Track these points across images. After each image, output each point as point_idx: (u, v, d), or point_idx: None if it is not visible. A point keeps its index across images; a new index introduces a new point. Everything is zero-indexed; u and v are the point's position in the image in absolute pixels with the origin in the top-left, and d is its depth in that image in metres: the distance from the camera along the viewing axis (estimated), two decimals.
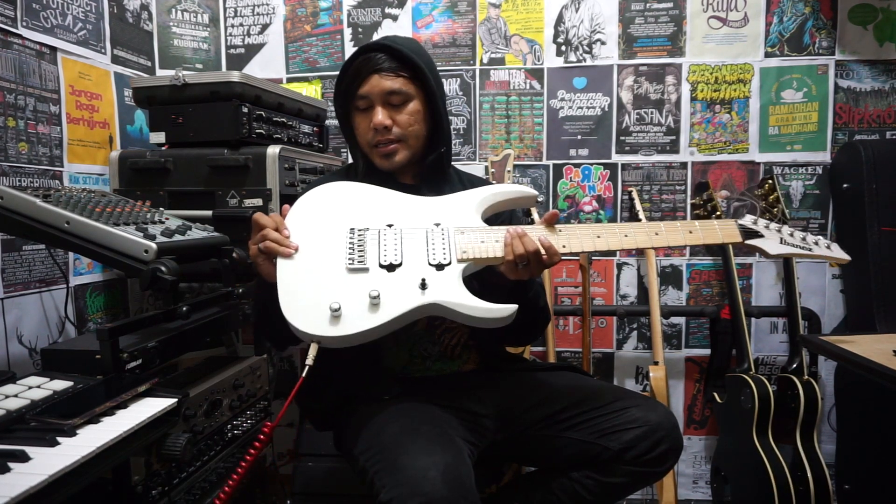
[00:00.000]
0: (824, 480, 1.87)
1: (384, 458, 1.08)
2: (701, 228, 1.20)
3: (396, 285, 1.12)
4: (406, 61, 1.29)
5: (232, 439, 1.39)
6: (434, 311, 1.12)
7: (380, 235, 1.18)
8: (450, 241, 1.17)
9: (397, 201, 1.25)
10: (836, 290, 2.17)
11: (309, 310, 1.09)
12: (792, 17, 2.12)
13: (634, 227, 1.20)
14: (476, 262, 1.15)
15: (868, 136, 2.12)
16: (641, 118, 2.20)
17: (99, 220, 1.20)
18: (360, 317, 1.08)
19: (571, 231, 1.19)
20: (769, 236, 1.23)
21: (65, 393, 1.02)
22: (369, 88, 1.29)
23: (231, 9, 2.31)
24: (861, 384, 1.99)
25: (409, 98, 1.31)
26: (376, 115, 1.29)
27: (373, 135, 1.31)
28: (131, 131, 2.01)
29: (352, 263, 1.13)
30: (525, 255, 1.11)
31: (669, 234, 1.20)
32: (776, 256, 1.23)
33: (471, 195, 1.25)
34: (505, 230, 1.15)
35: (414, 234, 1.18)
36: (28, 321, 1.57)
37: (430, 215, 1.22)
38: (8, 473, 0.76)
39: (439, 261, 1.14)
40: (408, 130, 1.31)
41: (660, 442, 1.19)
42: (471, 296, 1.11)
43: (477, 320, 1.11)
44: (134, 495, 1.07)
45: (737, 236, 1.22)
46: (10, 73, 1.54)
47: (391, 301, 1.09)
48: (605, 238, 1.18)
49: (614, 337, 2.28)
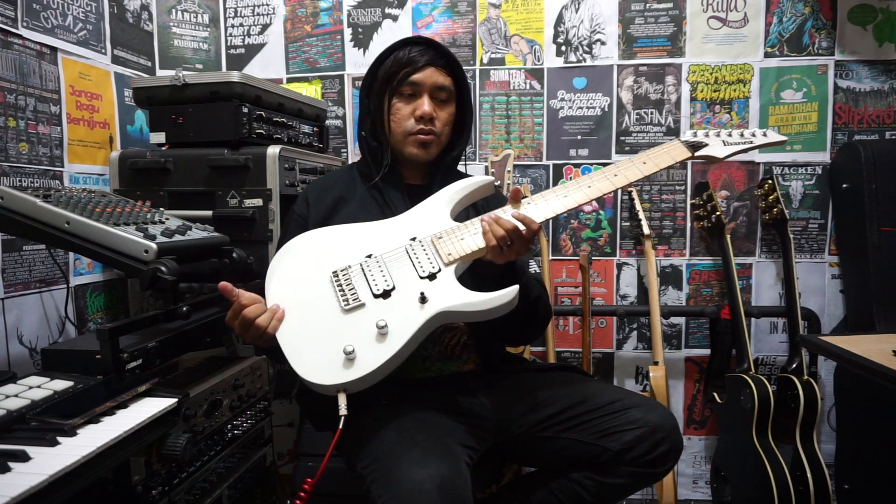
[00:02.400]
0: (824, 480, 1.87)
1: (381, 468, 1.07)
2: (653, 156, 1.27)
3: (398, 309, 1.12)
4: (456, 66, 1.37)
5: (232, 439, 1.40)
6: (444, 320, 1.13)
7: (363, 268, 1.18)
8: (431, 249, 1.18)
9: (366, 231, 1.26)
10: (835, 289, 2.17)
11: (323, 362, 1.08)
12: (792, 17, 2.12)
13: (594, 177, 1.24)
14: (463, 259, 1.16)
15: (868, 136, 2.12)
16: (641, 118, 2.20)
17: (99, 220, 1.20)
18: (373, 351, 1.08)
19: (539, 198, 1.22)
20: (713, 142, 1.30)
21: (65, 393, 1.02)
22: (423, 77, 1.32)
23: (231, 9, 2.31)
24: (861, 384, 1.99)
25: (451, 99, 1.37)
26: (424, 104, 1.32)
27: (413, 122, 1.33)
28: (131, 131, 2.01)
29: (347, 304, 1.13)
30: (505, 236, 1.12)
31: (626, 171, 1.25)
32: (725, 158, 1.29)
33: (434, 201, 1.27)
34: (479, 220, 1.17)
35: (395, 255, 1.19)
36: (28, 321, 1.57)
37: (404, 232, 1.23)
38: (8, 473, 0.76)
39: (429, 271, 1.15)
40: (443, 129, 1.36)
41: (660, 443, 1.19)
42: (471, 292, 1.12)
43: (486, 313, 1.11)
44: (134, 495, 1.07)
45: (685, 152, 1.27)
46: (11, 73, 1.54)
47: (399, 326, 1.10)
48: (571, 196, 1.22)
49: (614, 337, 2.28)
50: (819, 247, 2.18)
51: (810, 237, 2.18)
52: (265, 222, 1.68)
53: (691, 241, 2.22)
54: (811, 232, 2.17)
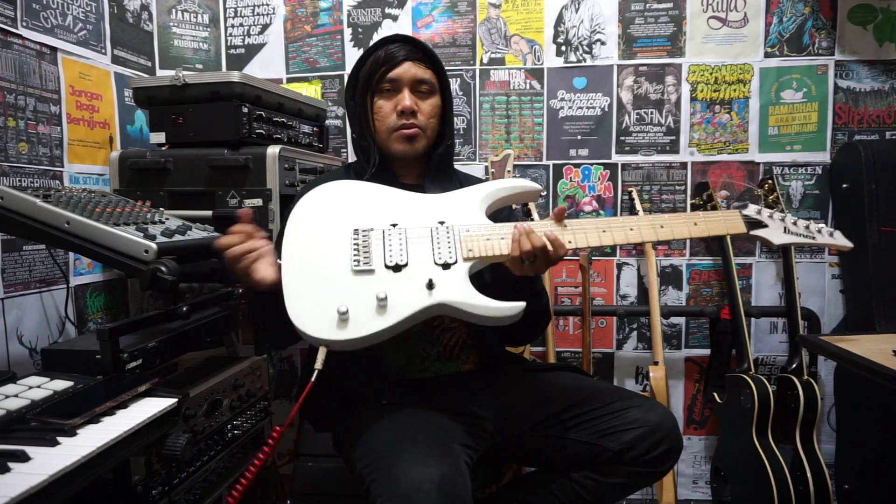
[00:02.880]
0: (824, 480, 1.87)
1: (380, 468, 1.07)
2: (706, 220, 1.20)
3: (403, 286, 1.11)
4: (433, 59, 1.36)
5: (232, 439, 1.40)
6: (442, 311, 1.12)
7: (384, 236, 1.17)
8: (455, 239, 1.16)
9: (400, 199, 1.24)
10: (835, 290, 2.17)
11: (316, 314, 1.08)
12: (792, 17, 2.12)
13: (639, 221, 1.20)
14: (482, 260, 1.15)
15: (868, 136, 2.12)
16: (641, 118, 2.20)
17: (99, 220, 1.20)
18: (367, 320, 1.07)
19: (577, 225, 1.18)
20: (773, 226, 1.23)
21: (65, 393, 1.02)
22: (401, 73, 1.32)
23: (231, 9, 2.31)
24: (861, 384, 1.99)
25: (434, 91, 1.36)
26: (404, 98, 1.31)
27: (396, 118, 1.32)
28: (131, 131, 2.01)
29: (357, 265, 1.13)
30: (532, 252, 1.11)
31: (675, 226, 1.19)
32: (781, 246, 1.22)
33: (474, 191, 1.25)
34: (512, 226, 1.14)
35: (419, 233, 1.18)
36: (28, 321, 1.57)
37: (435, 213, 1.21)
38: (8, 473, 0.76)
39: (445, 260, 1.14)
40: (428, 122, 1.35)
41: (660, 442, 1.19)
42: (479, 295, 1.11)
43: (485, 319, 1.10)
44: (134, 495, 1.07)
45: (741, 227, 1.22)
46: (11, 73, 1.54)
47: (399, 303, 1.09)
48: (610, 232, 1.18)
49: (614, 337, 2.28)
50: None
51: None
52: (265, 222, 1.68)
53: (691, 240, 2.22)
54: None
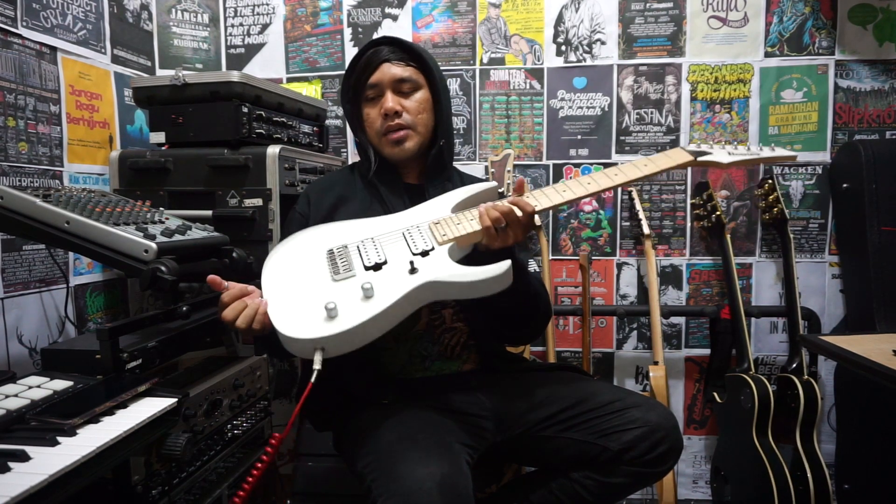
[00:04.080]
0: (824, 480, 1.87)
1: (381, 467, 1.08)
2: (653, 160, 1.29)
3: (387, 277, 1.12)
4: (413, 53, 1.36)
5: (232, 439, 1.40)
6: (433, 293, 1.12)
7: (359, 248, 1.20)
8: (427, 233, 1.19)
9: (370, 223, 1.27)
10: (835, 289, 2.17)
11: (303, 317, 1.08)
12: (792, 16, 2.12)
13: (594, 175, 1.26)
14: (457, 241, 1.17)
15: (868, 135, 2.12)
16: (641, 118, 2.20)
17: (99, 220, 1.20)
18: (356, 309, 1.07)
19: (538, 192, 1.23)
20: (717, 152, 1.31)
21: (65, 393, 1.02)
22: (380, 76, 1.33)
23: (231, 9, 2.31)
24: (861, 384, 1.99)
25: (419, 86, 1.36)
26: (386, 101, 1.32)
27: (382, 122, 1.33)
28: (131, 131, 2.01)
29: (337, 274, 1.14)
30: (500, 217, 1.12)
31: (627, 170, 1.26)
32: (729, 165, 1.29)
33: (439, 202, 1.28)
34: (476, 208, 1.17)
35: (392, 237, 1.21)
36: (28, 321, 1.57)
37: (405, 223, 1.24)
38: (8, 473, 0.76)
39: (422, 248, 1.16)
40: (417, 118, 1.35)
41: (660, 442, 1.19)
42: (462, 266, 1.12)
43: (476, 286, 1.10)
44: (134, 495, 1.07)
45: (685, 156, 1.28)
46: (10, 73, 1.54)
47: (385, 289, 1.09)
48: (569, 190, 1.23)
49: (614, 337, 2.28)
50: (819, 247, 2.18)
51: (810, 237, 2.18)
52: (265, 222, 1.68)
53: (691, 240, 2.22)
54: (811, 232, 2.17)
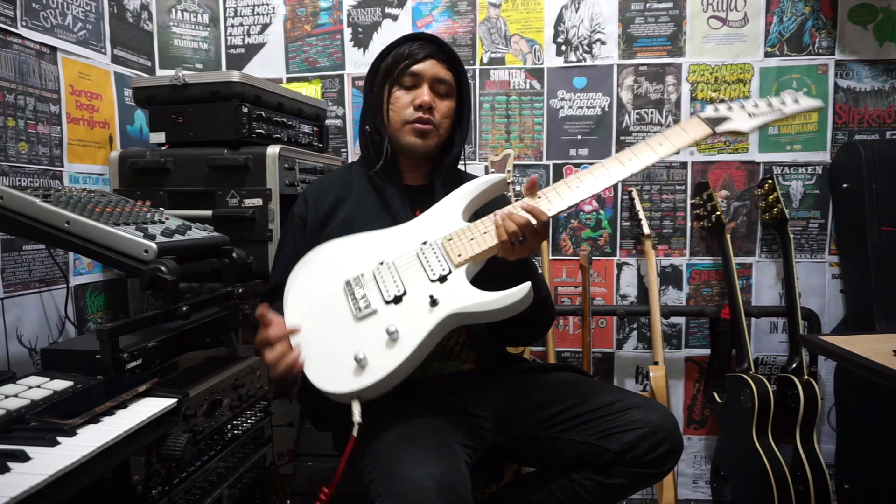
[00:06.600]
0: (824, 480, 1.87)
1: (381, 466, 1.08)
2: (669, 137, 1.15)
3: (409, 314, 1.11)
4: (457, 63, 1.39)
5: (232, 439, 1.40)
6: (457, 322, 1.12)
7: (375, 276, 1.18)
8: (441, 252, 1.17)
9: (379, 238, 1.25)
10: (835, 289, 2.17)
11: (335, 370, 1.09)
12: (792, 16, 2.12)
13: (607, 163, 1.16)
14: (474, 259, 1.15)
15: (868, 135, 2.12)
16: (641, 118, 2.20)
17: (99, 220, 1.20)
18: (385, 357, 1.08)
19: (550, 191, 1.16)
20: (736, 116, 1.17)
21: (65, 393, 1.02)
22: (424, 69, 1.34)
23: (231, 9, 2.31)
24: (861, 384, 1.99)
25: (451, 94, 1.39)
26: (423, 93, 1.34)
27: (412, 111, 1.34)
28: (131, 131, 2.01)
29: (359, 312, 1.14)
30: (517, 231, 1.11)
31: (641, 153, 1.15)
32: (752, 130, 1.17)
33: (447, 203, 1.26)
34: (491, 216, 1.16)
35: (406, 260, 1.19)
36: (28, 321, 1.57)
37: (416, 237, 1.22)
38: (8, 473, 0.76)
39: (440, 274, 1.14)
40: (442, 121, 1.37)
41: (660, 443, 1.19)
42: (483, 293, 1.11)
43: (499, 312, 1.10)
44: (134, 495, 1.07)
45: (705, 129, 1.16)
46: (10, 73, 1.54)
47: (410, 331, 1.09)
48: (582, 186, 1.15)
49: (614, 337, 2.28)
50: (819, 247, 2.18)
51: (810, 237, 2.18)
52: (265, 222, 1.68)
53: (691, 240, 2.22)
54: (811, 232, 2.17)
